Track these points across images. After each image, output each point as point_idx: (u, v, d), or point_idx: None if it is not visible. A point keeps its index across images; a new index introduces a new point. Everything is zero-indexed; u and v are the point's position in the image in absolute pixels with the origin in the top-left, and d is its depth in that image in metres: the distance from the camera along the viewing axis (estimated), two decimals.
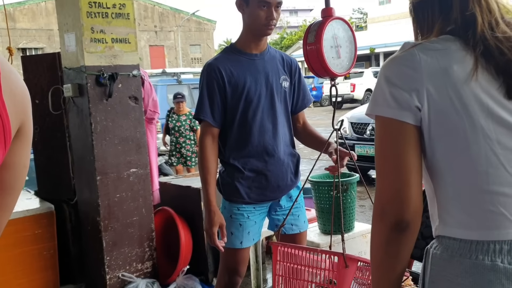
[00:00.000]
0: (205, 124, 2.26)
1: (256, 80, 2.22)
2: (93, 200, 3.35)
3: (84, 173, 3.44)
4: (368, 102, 1.13)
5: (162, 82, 10.86)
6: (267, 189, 2.28)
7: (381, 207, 1.10)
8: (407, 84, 1.05)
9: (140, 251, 3.50)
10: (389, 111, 1.07)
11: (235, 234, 2.27)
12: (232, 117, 2.25)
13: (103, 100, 3.29)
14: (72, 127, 3.54)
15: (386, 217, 1.09)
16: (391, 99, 1.06)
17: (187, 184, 3.70)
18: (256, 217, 2.31)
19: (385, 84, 1.09)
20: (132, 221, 3.45)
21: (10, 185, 0.83)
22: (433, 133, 1.06)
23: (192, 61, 35.95)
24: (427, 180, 1.14)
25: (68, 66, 3.41)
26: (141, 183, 3.48)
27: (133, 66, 3.42)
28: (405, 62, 1.07)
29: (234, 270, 2.30)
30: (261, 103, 2.23)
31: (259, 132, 2.23)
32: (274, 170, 2.27)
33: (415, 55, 1.06)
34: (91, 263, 3.53)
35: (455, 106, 1.03)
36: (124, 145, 3.39)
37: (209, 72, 2.23)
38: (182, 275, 3.52)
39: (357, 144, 7.68)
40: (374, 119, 1.12)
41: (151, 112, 3.87)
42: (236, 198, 2.27)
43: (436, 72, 1.04)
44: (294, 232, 2.39)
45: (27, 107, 0.82)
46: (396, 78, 1.07)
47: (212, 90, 2.22)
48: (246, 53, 2.25)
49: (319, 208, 3.92)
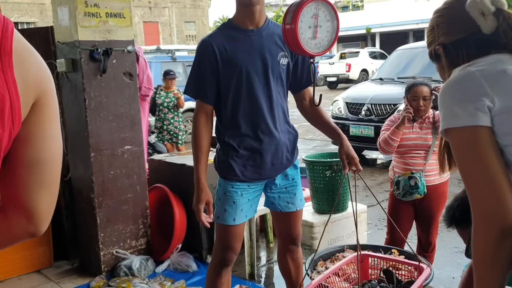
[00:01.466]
0: (198, 101, 2.26)
1: (251, 57, 2.18)
2: (87, 177, 3.34)
3: (78, 149, 3.41)
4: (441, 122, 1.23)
5: (157, 59, 10.74)
6: (261, 168, 2.27)
7: (484, 216, 1.14)
8: (472, 95, 1.16)
9: (134, 228, 3.50)
10: (461, 121, 1.16)
11: (229, 211, 2.27)
12: (226, 95, 2.22)
13: (97, 75, 3.24)
14: (65, 102, 3.50)
15: (491, 225, 1.13)
16: (460, 111, 1.16)
17: (181, 162, 3.69)
18: (249, 195, 2.31)
19: (452, 104, 1.19)
20: (127, 198, 3.45)
21: (34, 159, 0.83)
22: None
23: (186, 38, 35.58)
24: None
25: (62, 41, 3.35)
26: (135, 161, 3.46)
27: (128, 42, 3.37)
28: (464, 80, 1.19)
29: (228, 246, 2.31)
30: (256, 81, 2.19)
31: (253, 110, 2.21)
32: (269, 148, 2.25)
33: (470, 71, 1.19)
34: (85, 239, 3.53)
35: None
36: (118, 122, 3.37)
37: (202, 49, 2.20)
38: (176, 252, 3.54)
39: (352, 125, 7.67)
40: (449, 137, 1.20)
41: (145, 89, 3.83)
42: (230, 176, 2.27)
43: (496, 75, 1.17)
44: (290, 210, 2.39)
45: (44, 82, 0.83)
46: (461, 95, 1.18)
47: (204, 68, 2.19)
48: (242, 28, 2.20)
49: (313, 187, 3.93)
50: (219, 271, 2.35)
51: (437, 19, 1.39)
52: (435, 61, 1.41)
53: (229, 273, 2.39)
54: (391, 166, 3.29)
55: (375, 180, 6.66)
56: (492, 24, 1.27)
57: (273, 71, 2.22)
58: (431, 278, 2.66)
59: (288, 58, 2.26)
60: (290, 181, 2.38)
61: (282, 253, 2.51)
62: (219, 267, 2.35)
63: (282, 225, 2.46)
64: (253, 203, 2.35)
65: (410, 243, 3.87)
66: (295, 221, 2.43)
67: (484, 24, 1.28)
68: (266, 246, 3.99)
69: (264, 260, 3.76)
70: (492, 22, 1.27)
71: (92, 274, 3.39)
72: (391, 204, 3.27)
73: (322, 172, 3.81)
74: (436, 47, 1.36)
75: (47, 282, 3.40)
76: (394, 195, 3.21)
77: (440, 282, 2.98)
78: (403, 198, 3.12)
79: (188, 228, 3.59)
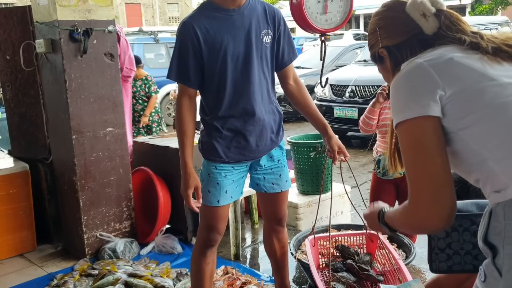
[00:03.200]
0: (180, 85, 2.21)
1: (234, 37, 2.13)
2: (69, 160, 3.29)
3: (59, 131, 3.36)
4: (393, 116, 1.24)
5: (139, 40, 10.60)
6: (245, 149, 2.25)
7: (415, 206, 1.18)
8: (423, 87, 1.17)
9: (118, 211, 3.48)
10: (413, 113, 1.16)
11: (212, 192, 2.26)
12: (210, 77, 2.18)
13: (77, 56, 3.18)
14: (45, 84, 3.43)
15: (414, 219, 1.20)
16: (412, 105, 1.17)
17: (165, 144, 3.66)
18: (234, 176, 2.29)
19: (403, 98, 1.21)
20: (110, 180, 3.41)
21: None
22: (462, 109, 1.14)
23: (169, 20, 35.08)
24: (466, 159, 1.17)
25: (40, 21, 3.27)
26: (118, 143, 3.42)
27: (109, 22, 3.30)
28: (413, 73, 1.21)
29: (212, 227, 2.30)
30: (240, 61, 2.15)
31: (237, 91, 2.18)
32: (253, 130, 2.23)
33: (418, 62, 1.20)
34: (68, 222, 3.50)
35: (474, 78, 1.15)
36: (100, 104, 3.31)
37: (183, 31, 2.14)
38: (161, 234, 3.53)
39: (335, 106, 7.70)
40: (398, 130, 1.20)
41: (127, 70, 3.77)
42: (214, 157, 2.25)
43: (443, 63, 1.19)
44: (275, 191, 2.38)
45: None
46: (412, 88, 1.20)
47: (186, 50, 2.13)
48: (222, 8, 2.14)
49: (298, 169, 3.94)
50: (204, 251, 2.35)
51: (378, 21, 1.39)
52: (378, 63, 1.43)
53: (214, 254, 2.39)
54: (375, 145, 3.32)
55: (359, 162, 6.71)
56: (433, 25, 1.29)
57: (256, 50, 2.18)
58: (413, 257, 2.71)
59: (271, 36, 2.21)
60: (276, 163, 2.37)
61: (267, 233, 2.52)
62: (204, 248, 2.34)
63: (267, 206, 2.46)
64: (239, 185, 2.34)
65: None
66: (281, 202, 2.43)
67: (426, 25, 1.30)
68: (251, 227, 4.00)
69: (249, 241, 3.78)
70: (433, 22, 1.29)
71: (76, 257, 3.37)
72: (373, 183, 3.31)
73: (307, 153, 3.82)
74: (379, 50, 1.38)
75: (30, 266, 3.37)
76: (376, 174, 3.25)
77: (423, 261, 3.02)
78: (383, 176, 3.16)
79: (172, 210, 3.58)
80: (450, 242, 1.35)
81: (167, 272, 3.06)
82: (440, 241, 1.34)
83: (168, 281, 2.95)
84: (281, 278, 2.56)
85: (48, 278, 3.14)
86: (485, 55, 1.20)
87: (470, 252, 1.28)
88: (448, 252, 1.35)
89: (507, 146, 1.10)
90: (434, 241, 1.35)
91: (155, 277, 2.96)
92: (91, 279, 3.00)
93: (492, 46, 1.21)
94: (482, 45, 1.21)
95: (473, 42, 1.23)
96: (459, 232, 1.34)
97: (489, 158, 1.12)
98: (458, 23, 1.29)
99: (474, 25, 8.48)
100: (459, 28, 1.28)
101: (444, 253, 1.35)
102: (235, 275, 2.94)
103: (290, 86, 2.38)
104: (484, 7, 23.94)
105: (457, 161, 1.20)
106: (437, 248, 1.35)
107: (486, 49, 1.21)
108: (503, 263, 1.08)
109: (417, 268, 3.08)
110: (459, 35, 1.26)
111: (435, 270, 1.38)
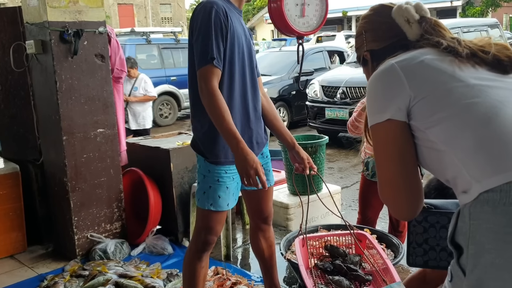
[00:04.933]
0: (210, 67, 2.02)
1: (241, 34, 2.16)
2: (59, 161, 3.29)
3: (50, 133, 3.36)
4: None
5: (131, 41, 10.57)
6: (251, 148, 2.17)
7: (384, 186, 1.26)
8: (392, 90, 1.21)
9: (109, 212, 3.48)
10: (381, 117, 1.21)
11: (223, 197, 2.21)
12: (226, 69, 2.09)
13: (68, 57, 3.18)
14: (36, 85, 3.43)
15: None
16: (381, 108, 1.22)
17: (156, 145, 3.66)
18: (237, 177, 2.25)
19: (374, 101, 1.25)
20: (100, 181, 3.41)
21: None
22: (431, 109, 1.17)
23: (162, 21, 35.01)
24: (436, 159, 1.21)
25: (30, 21, 3.27)
26: (108, 144, 3.43)
27: (99, 23, 3.30)
28: (384, 75, 1.24)
29: (213, 229, 2.27)
30: (245, 57, 2.17)
31: (242, 86, 2.19)
32: (255, 128, 2.26)
33: (390, 63, 1.23)
34: (58, 223, 3.50)
35: (443, 79, 1.19)
36: (90, 105, 3.32)
37: (217, 11, 2.01)
38: (152, 235, 3.53)
39: (327, 108, 7.73)
40: (371, 133, 1.26)
41: (118, 71, 3.77)
42: (225, 159, 2.18)
43: (414, 66, 1.22)
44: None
45: None
46: (381, 91, 1.24)
47: (220, 30, 2.02)
48: (234, 6, 2.17)
49: (289, 169, 3.96)
50: (200, 255, 2.30)
51: (364, 25, 1.43)
52: (363, 65, 1.47)
53: (208, 257, 2.36)
54: (363, 147, 3.35)
55: (350, 162, 6.75)
56: (417, 31, 1.33)
57: (253, 51, 2.25)
58: (401, 257, 2.73)
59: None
60: (265, 158, 2.40)
61: (254, 232, 2.52)
62: (200, 251, 2.30)
63: (254, 204, 2.46)
64: (238, 185, 2.32)
65: (384, 223, 3.95)
66: (267, 199, 2.43)
67: (409, 31, 1.34)
68: (242, 228, 4.02)
69: (240, 241, 3.79)
70: (417, 29, 1.33)
71: (67, 258, 3.37)
72: (362, 184, 3.34)
73: None
74: (364, 53, 1.42)
75: (20, 267, 3.36)
76: (365, 176, 3.28)
77: None
78: (372, 178, 3.19)
79: (163, 211, 3.59)
80: (427, 238, 1.38)
81: (157, 273, 3.07)
82: (418, 236, 1.38)
83: (159, 281, 2.95)
84: (270, 278, 2.57)
85: (38, 279, 3.13)
86: (457, 58, 1.23)
87: (446, 249, 1.31)
88: (425, 247, 1.38)
89: (472, 147, 1.12)
90: (413, 235, 1.39)
91: (146, 278, 2.97)
92: (81, 280, 3.01)
93: (468, 51, 1.24)
94: (458, 50, 1.24)
95: (450, 46, 1.25)
96: (436, 228, 1.38)
97: (456, 158, 1.14)
98: (438, 29, 1.32)
99: (464, 27, 8.57)
100: (439, 33, 1.31)
101: (421, 248, 1.39)
102: (225, 276, 2.96)
103: (261, 98, 2.35)
104: (476, 9, 24.12)
105: (428, 161, 1.23)
106: (414, 243, 1.39)
107: (461, 54, 1.23)
108: (466, 263, 1.09)
109: (405, 268, 3.11)
110: (437, 39, 1.28)
111: (411, 264, 1.42)
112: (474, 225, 1.09)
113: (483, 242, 1.07)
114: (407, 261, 1.42)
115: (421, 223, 1.39)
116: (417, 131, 1.20)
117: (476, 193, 1.09)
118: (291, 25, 1.84)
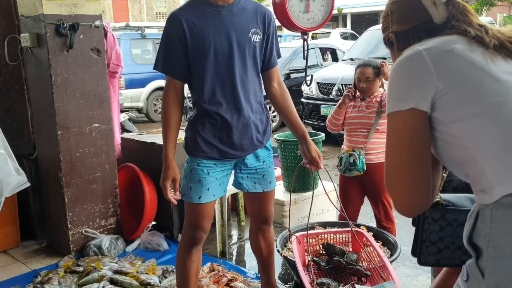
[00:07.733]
0: (167, 77, 2.22)
1: (220, 34, 2.13)
2: (54, 155, 3.26)
3: (45, 127, 3.32)
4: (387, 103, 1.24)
5: (126, 36, 10.49)
6: (229, 146, 2.24)
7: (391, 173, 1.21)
8: (418, 78, 1.16)
9: (104, 207, 3.46)
10: (403, 105, 1.17)
11: (194, 189, 2.24)
12: (195, 72, 2.18)
13: (63, 51, 3.14)
14: (30, 79, 3.39)
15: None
16: (404, 96, 1.17)
17: (151, 141, 3.64)
18: (217, 174, 2.27)
19: (398, 88, 1.21)
20: (95, 177, 3.39)
21: None
22: (455, 103, 1.14)
23: (157, 16, 34.83)
24: (455, 154, 1.17)
25: (25, 14, 3.23)
26: (104, 139, 3.40)
27: (95, 16, 3.27)
28: (411, 61, 1.19)
29: (196, 224, 2.29)
30: (224, 57, 2.15)
31: (220, 87, 2.18)
32: (237, 126, 2.22)
33: (418, 50, 1.19)
34: (53, 219, 3.47)
35: (473, 72, 1.14)
36: (86, 99, 3.28)
37: (171, 22, 2.15)
38: (147, 231, 3.51)
39: (322, 105, 7.72)
40: (388, 120, 1.21)
41: (114, 66, 3.74)
42: (196, 152, 2.24)
43: (443, 53, 1.18)
44: (257, 191, 2.37)
45: None
46: (406, 78, 1.19)
47: (173, 42, 2.14)
48: (212, 4, 2.14)
49: (284, 166, 3.96)
50: (189, 249, 2.33)
51: (391, 5, 1.41)
52: (389, 47, 1.44)
53: (199, 252, 2.38)
54: (343, 144, 3.39)
55: None
56: (443, 14, 1.30)
57: (242, 48, 2.18)
58: (398, 254, 2.74)
59: (260, 35, 2.22)
60: (261, 163, 2.37)
61: (253, 232, 2.52)
62: (189, 246, 2.33)
63: (253, 205, 2.46)
64: (222, 183, 2.32)
65: (369, 222, 3.95)
66: (266, 202, 2.43)
67: (435, 14, 1.31)
68: (237, 225, 4.01)
69: (236, 238, 3.78)
70: (443, 11, 1.30)
71: (61, 254, 3.34)
72: (340, 180, 3.39)
73: (293, 151, 3.83)
74: (389, 34, 1.39)
75: (13, 262, 3.33)
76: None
77: (407, 258, 3.05)
78: (344, 173, 3.23)
79: (158, 207, 3.57)
80: (443, 236, 1.33)
81: (153, 269, 3.05)
82: (433, 234, 1.33)
83: (154, 278, 2.94)
84: (267, 276, 2.57)
85: (32, 275, 3.11)
86: (488, 50, 1.19)
87: (461, 247, 1.27)
88: (439, 245, 1.33)
89: (499, 148, 1.09)
90: (427, 233, 1.33)
91: (141, 274, 2.95)
92: (76, 276, 2.98)
93: (496, 42, 1.20)
94: (485, 39, 1.20)
95: (478, 35, 1.22)
96: (453, 226, 1.33)
97: (479, 156, 1.11)
98: (465, 13, 1.29)
99: None
100: (466, 19, 1.28)
101: (435, 246, 1.34)
102: (221, 272, 2.94)
103: (273, 89, 2.36)
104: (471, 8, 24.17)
105: (446, 155, 1.20)
106: (428, 241, 1.33)
107: (488, 44, 1.19)
108: (486, 265, 1.07)
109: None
110: (465, 26, 1.25)
111: (423, 263, 1.37)
112: (496, 228, 1.07)
113: (504, 247, 1.05)
114: (418, 260, 1.37)
115: (438, 221, 1.33)
116: (440, 124, 1.17)
117: (499, 195, 1.07)
118: (294, 21, 1.82)
